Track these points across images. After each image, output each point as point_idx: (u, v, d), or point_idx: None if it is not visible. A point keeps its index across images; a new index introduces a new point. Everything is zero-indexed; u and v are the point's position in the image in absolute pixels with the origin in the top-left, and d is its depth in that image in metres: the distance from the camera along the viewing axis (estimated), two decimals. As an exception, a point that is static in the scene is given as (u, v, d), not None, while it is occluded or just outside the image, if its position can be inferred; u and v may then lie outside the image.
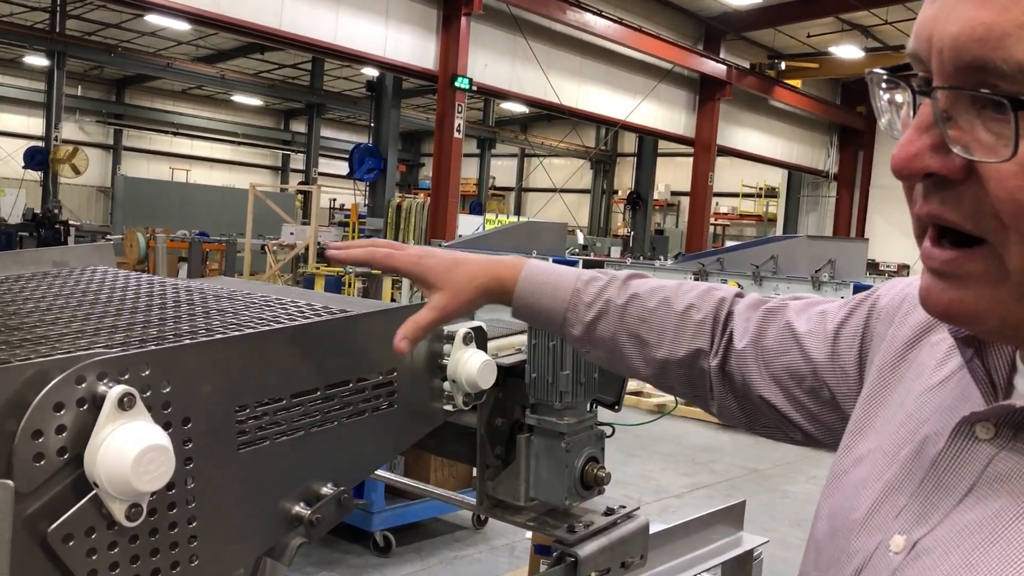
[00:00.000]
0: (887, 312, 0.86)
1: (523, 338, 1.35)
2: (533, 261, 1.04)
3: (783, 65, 20.19)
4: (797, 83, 20.97)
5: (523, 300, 1.01)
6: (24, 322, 1.00)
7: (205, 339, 0.89)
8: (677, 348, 0.98)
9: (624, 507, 1.41)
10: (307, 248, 14.44)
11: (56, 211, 18.77)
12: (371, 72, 15.97)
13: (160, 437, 0.73)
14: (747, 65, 19.67)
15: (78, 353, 0.78)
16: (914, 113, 0.59)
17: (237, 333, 0.94)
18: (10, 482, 0.67)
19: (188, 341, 0.89)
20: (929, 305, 0.62)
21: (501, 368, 1.22)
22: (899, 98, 0.66)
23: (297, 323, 1.00)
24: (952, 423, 0.66)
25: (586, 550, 1.31)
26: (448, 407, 1.12)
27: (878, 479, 0.71)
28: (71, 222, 19.29)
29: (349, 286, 13.13)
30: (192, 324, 1.02)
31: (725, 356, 0.97)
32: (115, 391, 0.72)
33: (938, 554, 0.62)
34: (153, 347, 0.84)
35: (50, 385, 0.70)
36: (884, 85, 0.65)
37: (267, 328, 0.96)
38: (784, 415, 0.94)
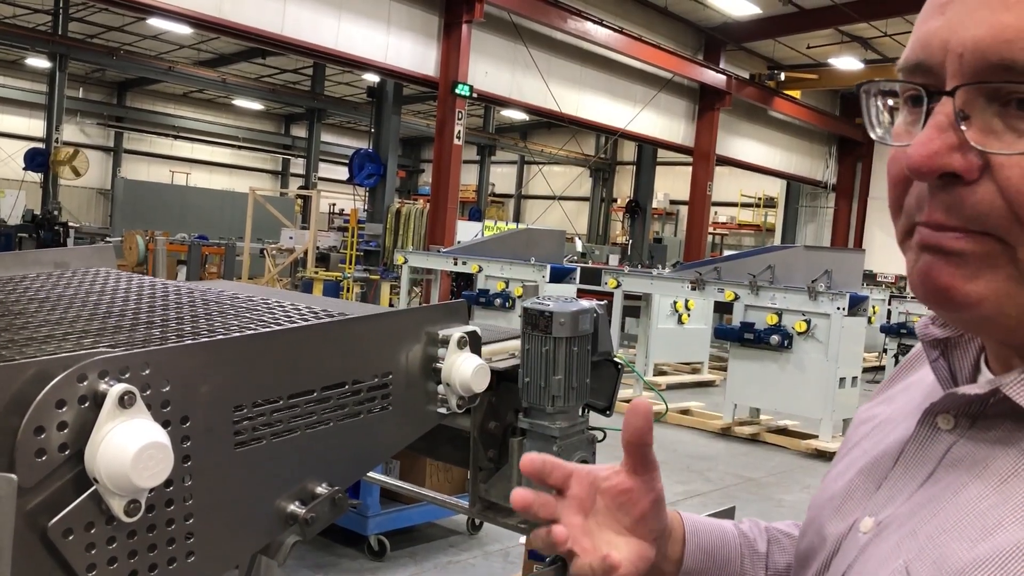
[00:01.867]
0: None
1: (517, 343, 1.36)
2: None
3: (782, 76, 20.24)
4: (796, 94, 21.02)
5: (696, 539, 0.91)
6: (29, 321, 1.02)
7: (204, 340, 0.90)
8: None
9: (615, 511, 1.42)
10: (306, 252, 14.45)
11: (56, 213, 18.78)
12: (372, 78, 15.99)
13: (159, 435, 0.74)
14: (747, 75, 19.72)
15: (80, 352, 0.79)
16: (925, 120, 0.60)
17: (236, 334, 0.96)
18: (13, 476, 0.69)
19: (187, 342, 0.91)
20: (928, 285, 0.62)
21: (495, 372, 1.23)
22: (886, 114, 0.68)
23: (295, 325, 1.01)
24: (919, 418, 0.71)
25: (577, 553, 1.32)
26: (442, 410, 1.14)
27: (852, 469, 0.78)
28: (71, 224, 19.30)
29: (347, 290, 13.15)
30: (191, 325, 1.04)
31: None
32: (116, 389, 0.74)
33: (892, 529, 0.67)
34: (153, 347, 0.86)
35: (53, 383, 0.72)
36: (881, 95, 0.68)
37: (265, 330, 0.97)
38: None
